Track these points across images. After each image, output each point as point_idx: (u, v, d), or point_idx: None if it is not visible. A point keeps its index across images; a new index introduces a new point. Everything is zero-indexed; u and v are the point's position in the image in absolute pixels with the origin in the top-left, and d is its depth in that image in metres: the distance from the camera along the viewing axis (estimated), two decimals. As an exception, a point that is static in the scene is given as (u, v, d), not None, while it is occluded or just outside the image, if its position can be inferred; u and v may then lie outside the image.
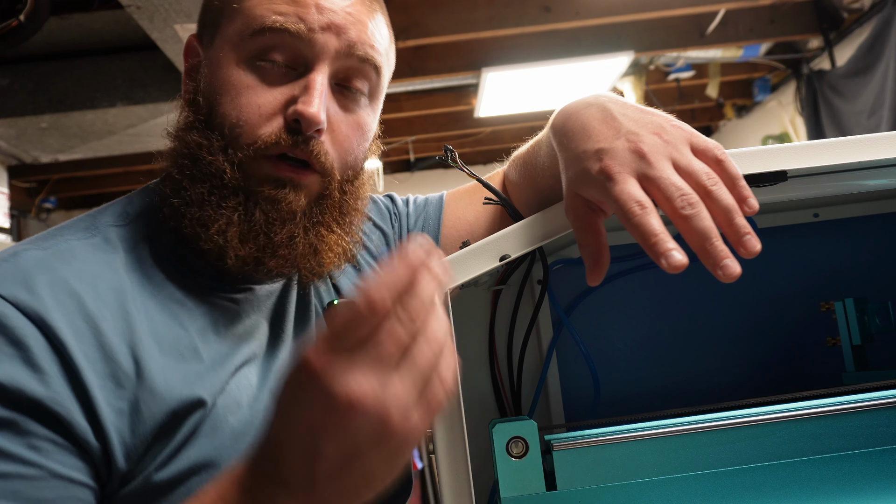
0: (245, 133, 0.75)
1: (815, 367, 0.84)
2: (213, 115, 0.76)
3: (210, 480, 0.68)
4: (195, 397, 0.71)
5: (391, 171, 5.93)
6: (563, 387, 0.82)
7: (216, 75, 0.77)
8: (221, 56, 0.77)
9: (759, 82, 4.85)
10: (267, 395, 0.77)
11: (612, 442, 0.61)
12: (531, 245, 0.66)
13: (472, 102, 4.61)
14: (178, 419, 0.70)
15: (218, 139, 0.75)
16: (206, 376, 0.73)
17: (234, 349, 0.77)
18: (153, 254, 0.77)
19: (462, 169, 0.82)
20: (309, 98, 0.74)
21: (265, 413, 0.73)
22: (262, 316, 0.81)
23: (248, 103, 0.75)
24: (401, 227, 1.03)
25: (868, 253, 0.85)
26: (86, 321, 0.69)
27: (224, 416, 0.73)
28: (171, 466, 0.69)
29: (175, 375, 0.71)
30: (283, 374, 0.52)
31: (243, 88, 0.75)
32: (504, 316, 0.80)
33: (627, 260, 0.83)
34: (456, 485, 0.63)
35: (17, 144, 3.85)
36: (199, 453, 0.71)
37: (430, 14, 3.40)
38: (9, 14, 2.55)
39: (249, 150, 0.74)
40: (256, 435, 0.72)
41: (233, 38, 0.76)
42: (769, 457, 0.60)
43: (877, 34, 3.51)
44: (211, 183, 0.75)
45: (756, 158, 0.65)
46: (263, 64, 0.76)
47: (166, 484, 0.69)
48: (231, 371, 0.75)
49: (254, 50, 0.76)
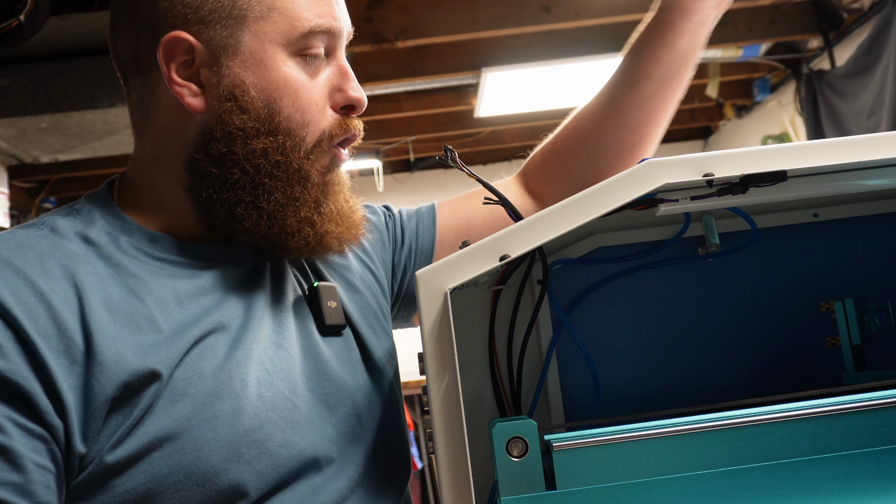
0: (311, 132, 0.80)
1: (814, 367, 0.84)
2: (273, 118, 0.79)
3: (174, 457, 0.70)
4: (148, 369, 0.70)
5: (391, 171, 5.93)
6: (563, 387, 0.82)
7: (268, 76, 0.78)
8: (268, 56, 0.78)
9: (759, 82, 4.85)
10: (235, 366, 0.75)
11: (612, 442, 0.61)
12: (531, 245, 0.66)
13: (472, 102, 4.61)
14: (132, 392, 0.69)
15: (284, 140, 0.79)
16: (163, 346, 0.72)
17: (198, 319, 0.76)
18: (106, 237, 0.78)
19: (462, 169, 0.82)
20: (353, 83, 0.82)
21: (231, 385, 0.74)
22: (231, 290, 0.81)
23: (308, 102, 0.80)
24: (395, 223, 1.05)
25: (868, 253, 0.85)
26: (37, 297, 0.68)
27: (184, 388, 0.72)
28: (128, 442, 0.68)
29: (128, 346, 0.70)
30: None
31: (299, 88, 0.79)
32: (504, 316, 0.80)
33: (627, 260, 0.83)
34: (456, 485, 0.63)
35: (17, 144, 3.85)
36: (158, 427, 0.70)
37: (430, 14, 3.40)
38: (9, 14, 2.55)
39: (319, 146, 0.81)
40: (225, 409, 0.73)
41: (277, 38, 0.78)
42: (769, 457, 0.60)
43: (876, 34, 3.51)
44: (298, 184, 0.80)
45: (756, 158, 0.65)
46: (307, 59, 0.80)
47: (126, 461, 0.68)
48: (191, 341, 0.74)
49: (301, 49, 0.79)
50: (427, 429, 0.66)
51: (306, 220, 0.80)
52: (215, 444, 0.71)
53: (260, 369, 0.77)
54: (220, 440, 0.72)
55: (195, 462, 0.70)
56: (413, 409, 4.49)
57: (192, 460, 0.70)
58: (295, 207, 0.80)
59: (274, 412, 0.76)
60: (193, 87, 0.79)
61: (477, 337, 0.80)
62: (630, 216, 0.78)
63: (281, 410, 0.77)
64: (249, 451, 0.73)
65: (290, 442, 0.76)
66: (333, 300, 0.88)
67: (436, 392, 0.64)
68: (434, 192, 6.28)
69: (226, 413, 0.73)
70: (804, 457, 0.60)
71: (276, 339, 0.81)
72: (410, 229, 1.05)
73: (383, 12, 3.32)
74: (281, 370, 0.79)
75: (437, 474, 0.64)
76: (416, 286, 0.64)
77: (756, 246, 0.83)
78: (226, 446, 0.72)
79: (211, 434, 0.71)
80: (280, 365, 0.79)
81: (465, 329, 0.79)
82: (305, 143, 0.80)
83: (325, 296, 0.87)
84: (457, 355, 0.63)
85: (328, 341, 0.86)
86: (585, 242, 0.83)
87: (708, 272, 0.85)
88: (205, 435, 0.71)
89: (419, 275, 0.65)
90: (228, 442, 0.72)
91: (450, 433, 0.63)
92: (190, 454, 0.70)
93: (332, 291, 0.89)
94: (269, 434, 0.75)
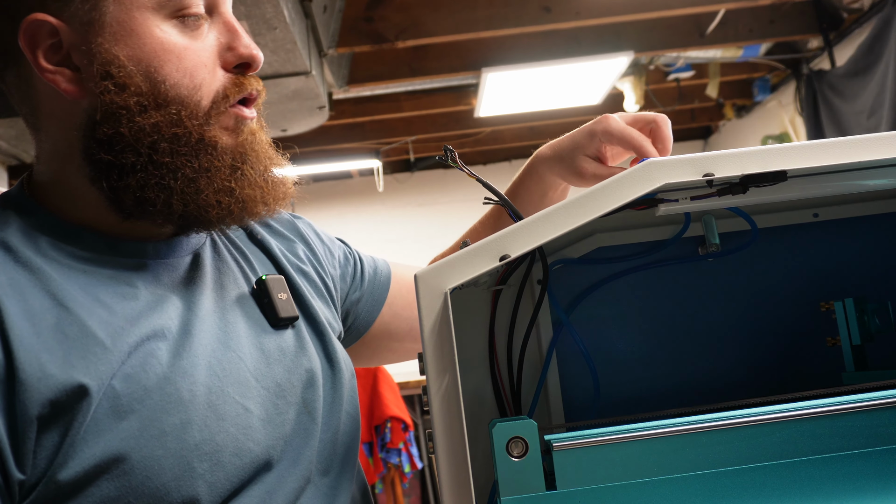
0: (204, 95, 0.74)
1: (815, 367, 0.84)
2: (158, 88, 0.72)
3: (122, 479, 0.65)
4: (76, 383, 0.64)
5: (391, 171, 5.93)
6: (563, 387, 0.82)
7: (142, 45, 0.72)
8: (139, 23, 0.72)
9: (759, 82, 4.85)
10: (181, 375, 0.70)
11: (612, 442, 0.61)
12: (531, 245, 0.66)
13: (472, 102, 4.61)
14: (61, 409, 0.64)
15: (177, 110, 0.73)
16: (94, 357, 0.66)
17: (133, 323, 0.70)
18: (24, 238, 0.72)
19: (462, 169, 0.82)
20: (242, 39, 0.76)
21: (179, 396, 0.69)
22: (167, 289, 0.76)
23: (195, 65, 0.74)
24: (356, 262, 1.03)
25: (868, 253, 0.85)
26: None
27: (129, 404, 0.66)
28: (72, 465, 0.64)
29: (53, 360, 0.65)
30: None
31: (182, 51, 0.73)
32: (504, 316, 0.80)
33: (627, 260, 0.83)
34: (456, 485, 0.63)
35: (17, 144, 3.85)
36: (104, 448, 0.65)
37: (430, 14, 3.40)
38: (9, 14, 2.54)
39: (216, 108, 0.75)
40: (173, 423, 0.68)
41: (144, 3, 0.72)
42: (769, 457, 0.60)
43: (876, 34, 3.51)
44: (205, 153, 0.74)
45: (756, 158, 0.65)
46: (186, 21, 0.74)
47: (71, 486, 0.64)
48: (127, 349, 0.68)
49: (175, 10, 0.73)
50: (427, 429, 0.65)
51: (224, 189, 0.74)
52: (165, 462, 0.67)
53: (209, 375, 0.73)
54: (171, 456, 0.67)
55: (145, 482, 0.66)
56: (413, 409, 4.49)
57: (142, 480, 0.66)
58: (207, 179, 0.74)
59: (225, 420, 0.72)
60: (66, 72, 0.72)
61: (477, 337, 0.80)
62: (630, 216, 0.78)
63: (232, 417, 0.72)
64: (201, 464, 0.69)
65: (243, 449, 0.72)
66: (283, 292, 0.84)
67: (436, 392, 0.64)
68: (434, 192, 6.28)
69: (174, 427, 0.68)
70: (804, 457, 0.60)
71: (224, 340, 0.77)
72: (368, 281, 1.03)
73: (383, 12, 3.32)
74: (230, 373, 0.75)
75: (437, 474, 0.64)
76: (416, 286, 0.64)
77: (756, 246, 0.83)
78: (176, 463, 0.67)
79: (160, 451, 0.67)
80: (229, 368, 0.75)
81: (465, 329, 0.79)
82: (201, 107, 0.74)
83: (274, 288, 0.83)
84: (457, 355, 0.63)
85: (281, 334, 0.82)
86: (585, 242, 0.83)
87: (708, 272, 0.85)
88: (154, 453, 0.66)
89: (419, 275, 0.65)
90: (179, 458, 0.68)
91: (450, 433, 0.63)
92: (140, 475, 0.66)
93: (280, 283, 0.84)
94: (221, 444, 0.70)
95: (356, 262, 1.03)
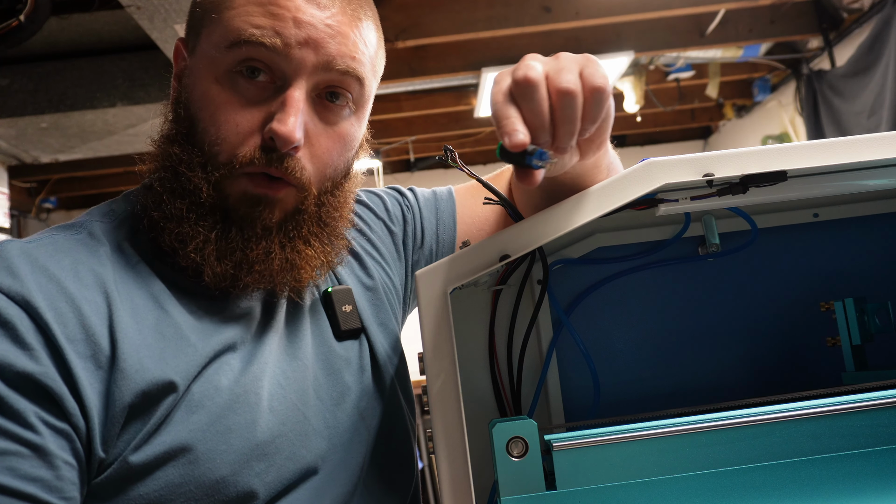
0: (223, 151, 0.75)
1: (815, 367, 0.84)
2: (193, 129, 0.76)
3: (186, 468, 0.70)
4: (167, 379, 0.70)
5: (391, 171, 5.93)
6: (563, 387, 0.82)
7: (196, 88, 0.77)
8: (201, 68, 0.77)
9: (759, 82, 4.85)
10: (250, 380, 0.76)
11: (612, 442, 0.61)
12: (531, 245, 0.66)
13: (472, 102, 4.61)
14: (150, 400, 0.70)
15: (198, 155, 0.76)
16: (184, 358, 0.73)
17: (216, 334, 0.76)
18: (137, 250, 0.78)
19: (462, 169, 0.82)
20: (284, 116, 0.73)
21: (246, 399, 0.74)
22: (251, 302, 0.81)
23: (227, 121, 0.75)
24: (414, 217, 1.02)
25: (868, 253, 0.85)
26: (68, 303, 0.69)
27: (200, 400, 0.72)
28: (145, 450, 0.69)
29: (150, 355, 0.71)
30: None
31: (221, 105, 0.75)
32: (504, 316, 0.80)
33: (627, 260, 0.83)
34: (456, 485, 0.63)
35: (17, 144, 3.85)
36: (174, 438, 0.70)
37: (430, 14, 3.40)
38: (9, 14, 2.55)
39: (226, 168, 0.75)
40: (239, 422, 0.73)
41: (210, 51, 0.76)
42: (769, 457, 0.60)
43: (876, 34, 3.51)
44: (190, 199, 0.76)
45: (756, 158, 0.65)
46: (241, 79, 0.75)
47: (141, 468, 0.69)
48: (210, 354, 0.75)
49: (231, 63, 0.75)
50: (427, 429, 0.66)
51: (205, 238, 0.76)
52: (227, 457, 0.72)
53: (273, 383, 0.78)
54: (233, 452, 0.73)
55: (206, 473, 0.71)
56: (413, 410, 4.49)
57: (203, 472, 0.71)
58: (193, 229, 0.75)
59: (285, 425, 0.77)
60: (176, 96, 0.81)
61: (477, 337, 0.80)
62: (630, 216, 0.78)
63: (292, 423, 0.78)
64: (259, 464, 0.74)
65: (297, 455, 0.77)
66: (348, 304, 0.88)
67: (436, 392, 0.64)
68: (434, 192, 6.26)
69: (240, 426, 0.74)
70: (804, 457, 0.60)
71: (291, 350, 0.82)
72: (430, 230, 1.02)
73: (383, 12, 3.31)
74: (294, 381, 0.80)
75: (437, 474, 0.64)
76: (416, 286, 0.64)
77: (756, 246, 0.83)
78: (237, 458, 0.73)
79: (224, 446, 0.72)
80: (293, 376, 0.80)
81: (465, 329, 0.79)
82: (218, 161, 0.75)
83: (339, 300, 0.87)
84: (457, 355, 0.63)
85: (344, 346, 0.87)
86: (585, 242, 0.83)
87: (708, 272, 0.85)
88: (218, 447, 0.72)
89: (419, 275, 0.65)
90: (240, 454, 0.73)
91: (450, 433, 0.63)
92: (202, 465, 0.71)
93: (346, 295, 0.88)
94: (279, 447, 0.76)
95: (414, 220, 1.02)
